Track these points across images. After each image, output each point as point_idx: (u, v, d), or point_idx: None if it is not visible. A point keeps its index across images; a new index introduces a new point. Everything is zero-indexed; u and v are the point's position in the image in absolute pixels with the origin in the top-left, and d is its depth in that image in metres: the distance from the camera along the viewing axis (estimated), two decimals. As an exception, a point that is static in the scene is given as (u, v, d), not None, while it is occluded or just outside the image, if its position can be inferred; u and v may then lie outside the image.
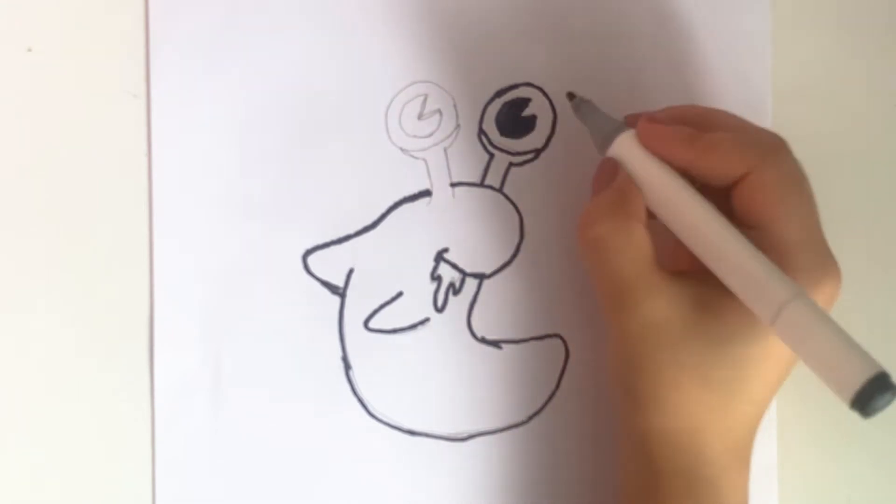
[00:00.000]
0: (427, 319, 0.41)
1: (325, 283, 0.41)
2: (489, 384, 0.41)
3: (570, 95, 0.39)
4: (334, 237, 0.41)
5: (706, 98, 0.41)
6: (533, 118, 0.41)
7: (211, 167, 0.40)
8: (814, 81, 0.42)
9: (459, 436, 0.41)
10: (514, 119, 0.41)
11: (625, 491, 0.37)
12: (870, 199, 0.42)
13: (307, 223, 0.41)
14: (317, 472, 0.41)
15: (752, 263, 0.33)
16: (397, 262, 0.41)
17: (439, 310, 0.41)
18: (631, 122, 0.37)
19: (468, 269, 0.41)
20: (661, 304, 0.34)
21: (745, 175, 0.35)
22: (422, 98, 0.41)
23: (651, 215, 0.36)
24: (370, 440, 0.41)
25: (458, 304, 0.41)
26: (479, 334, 0.41)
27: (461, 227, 0.41)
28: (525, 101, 0.41)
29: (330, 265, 0.41)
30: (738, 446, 0.36)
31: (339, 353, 0.41)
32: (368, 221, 0.41)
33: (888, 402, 0.30)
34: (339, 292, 0.41)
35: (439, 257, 0.41)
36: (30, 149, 0.40)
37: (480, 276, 0.41)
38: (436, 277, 0.41)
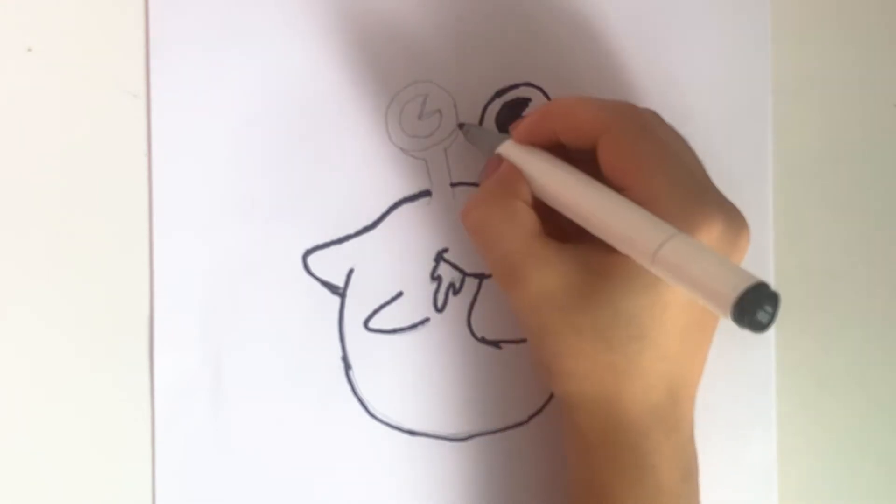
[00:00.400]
0: (427, 319, 0.41)
1: (325, 283, 0.41)
2: (489, 384, 0.41)
3: (460, 125, 0.41)
4: (334, 237, 0.41)
5: (706, 98, 0.41)
6: (533, 118, 0.41)
7: (211, 167, 0.40)
8: (814, 81, 0.42)
9: (459, 436, 0.41)
10: (514, 119, 0.41)
11: (566, 453, 0.38)
12: (869, 198, 0.42)
13: (307, 223, 0.41)
14: (317, 472, 0.41)
15: (624, 214, 0.33)
16: (397, 262, 0.41)
17: (439, 310, 0.41)
18: (513, 128, 0.39)
19: (468, 269, 0.41)
20: (548, 274, 0.35)
21: (602, 137, 0.35)
22: (422, 98, 0.41)
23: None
24: (370, 440, 0.41)
25: (458, 304, 0.41)
26: (478, 334, 0.41)
27: (461, 227, 0.41)
28: (525, 101, 0.41)
29: (330, 265, 0.41)
30: (659, 407, 0.36)
31: (339, 353, 0.41)
32: (368, 221, 0.41)
33: (772, 314, 0.29)
34: (339, 292, 0.41)
35: (439, 257, 0.41)
36: (30, 149, 0.40)
37: (480, 276, 0.41)
38: (436, 277, 0.41)
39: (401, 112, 0.41)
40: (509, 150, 0.38)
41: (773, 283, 0.41)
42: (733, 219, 0.35)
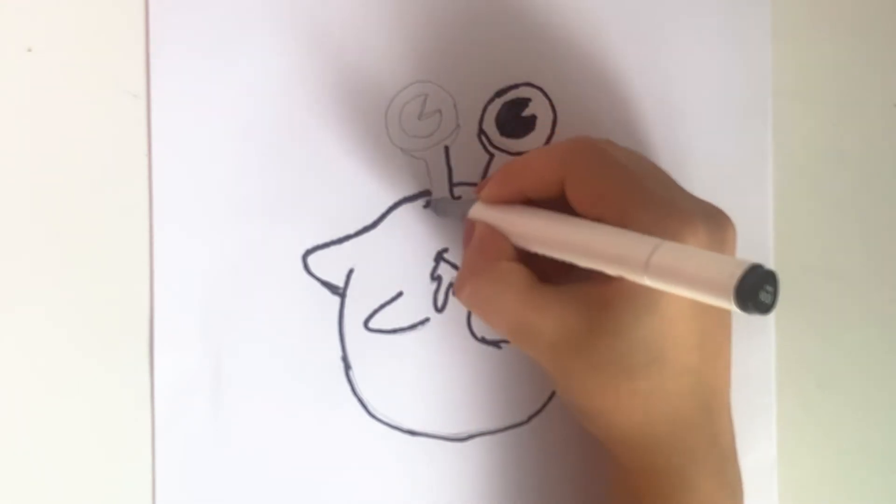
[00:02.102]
0: (427, 319, 0.41)
1: (325, 283, 0.41)
2: (489, 384, 0.41)
3: (426, 203, 0.41)
4: (334, 237, 0.41)
5: (706, 98, 0.41)
6: (533, 118, 0.41)
7: (211, 167, 0.40)
8: (814, 81, 0.42)
9: (459, 436, 0.41)
10: (514, 119, 0.41)
11: (610, 494, 0.38)
12: (869, 198, 0.42)
13: (307, 223, 0.41)
14: (317, 472, 0.41)
15: (607, 237, 0.34)
16: (397, 262, 0.41)
17: (439, 310, 0.41)
18: (477, 191, 0.39)
19: (468, 269, 0.41)
20: (554, 323, 0.35)
21: (566, 180, 0.36)
22: (422, 98, 0.41)
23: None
24: (370, 440, 0.41)
25: (458, 304, 0.41)
26: (479, 334, 0.41)
27: (461, 227, 0.41)
28: (525, 101, 0.41)
29: (330, 265, 0.41)
30: (693, 424, 0.36)
31: (339, 353, 0.41)
32: (368, 221, 0.41)
33: (774, 293, 0.29)
34: (339, 292, 0.41)
35: (439, 257, 0.41)
36: (30, 149, 0.40)
37: (480, 276, 0.41)
38: (436, 277, 0.41)
39: (401, 112, 0.41)
40: (480, 211, 0.38)
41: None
42: (714, 218, 0.35)
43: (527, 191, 0.37)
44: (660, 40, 0.41)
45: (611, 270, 0.33)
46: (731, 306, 0.29)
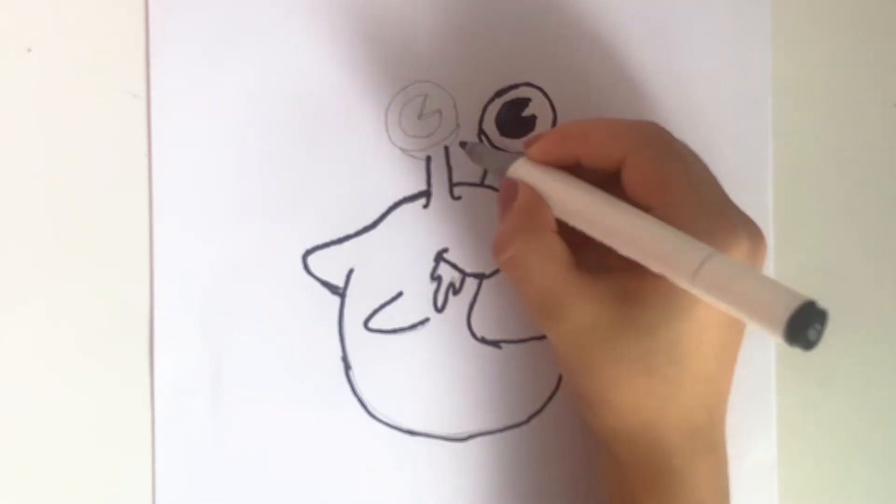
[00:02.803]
0: (427, 319, 0.41)
1: (325, 283, 0.41)
2: (489, 384, 0.41)
3: (462, 144, 0.40)
4: (334, 237, 0.41)
5: (706, 98, 0.41)
6: (533, 118, 0.41)
7: (211, 167, 0.40)
8: (814, 81, 0.42)
9: (459, 436, 0.41)
10: (514, 119, 0.41)
11: (603, 487, 0.38)
12: (869, 198, 0.42)
13: (307, 223, 0.41)
14: (317, 472, 0.41)
15: (659, 233, 0.33)
16: (397, 262, 0.41)
17: (439, 310, 0.41)
18: (527, 146, 0.38)
19: (468, 269, 0.41)
20: (586, 308, 0.35)
21: (624, 159, 0.35)
22: (422, 98, 0.41)
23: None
24: (370, 440, 0.41)
25: (457, 304, 0.41)
26: (479, 334, 0.41)
27: (461, 227, 0.41)
28: (525, 101, 0.41)
29: (330, 265, 0.41)
30: (699, 431, 0.36)
31: (339, 353, 0.41)
32: (368, 221, 0.41)
33: (820, 330, 0.29)
34: (339, 292, 0.41)
35: (439, 257, 0.41)
36: (30, 149, 0.40)
37: (480, 276, 0.41)
38: (436, 277, 0.41)
39: (401, 112, 0.41)
40: (523, 170, 0.37)
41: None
42: (755, 233, 0.35)
43: (582, 157, 0.36)
44: (659, 40, 0.41)
45: (656, 268, 0.33)
46: (777, 337, 0.29)
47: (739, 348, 0.37)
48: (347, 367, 0.41)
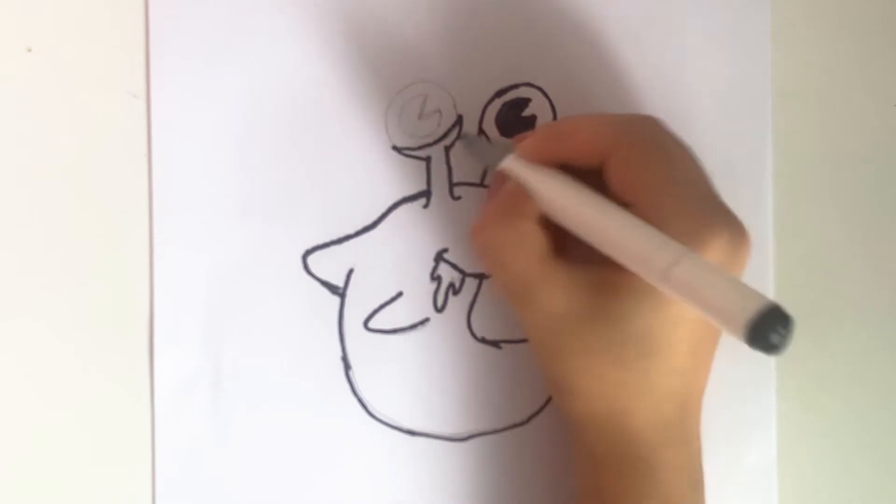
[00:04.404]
0: (427, 319, 0.41)
1: (325, 283, 0.41)
2: (489, 384, 0.41)
3: (460, 136, 0.41)
4: (334, 237, 0.41)
5: (706, 98, 0.41)
6: (533, 118, 0.41)
7: (211, 167, 0.40)
8: (814, 81, 0.42)
9: (459, 436, 0.41)
10: (514, 119, 0.41)
11: (574, 475, 0.38)
12: (869, 198, 0.42)
13: (307, 223, 0.41)
14: (316, 472, 0.41)
15: (634, 232, 0.33)
16: (397, 262, 0.41)
17: (439, 310, 0.41)
18: (518, 140, 0.38)
19: (468, 269, 0.41)
20: (559, 295, 0.35)
21: (609, 154, 0.35)
22: (422, 98, 0.41)
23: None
24: (370, 440, 0.41)
25: (458, 304, 0.41)
26: (479, 334, 0.41)
27: (461, 227, 0.41)
28: (525, 101, 0.41)
29: (330, 265, 0.41)
30: (669, 422, 0.36)
31: (339, 353, 0.41)
32: (368, 221, 0.41)
33: (785, 335, 0.29)
34: (339, 292, 0.41)
35: (439, 257, 0.41)
36: (30, 149, 0.40)
37: (480, 277, 0.41)
38: (436, 277, 0.41)
39: (401, 112, 0.41)
40: (514, 165, 0.38)
41: (773, 284, 0.41)
42: (736, 232, 0.35)
43: (568, 156, 0.36)
44: (659, 40, 0.41)
45: (629, 266, 0.33)
46: (740, 339, 0.29)
47: (717, 344, 0.37)
48: (347, 367, 0.41)
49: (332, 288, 0.41)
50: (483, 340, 0.41)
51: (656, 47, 0.41)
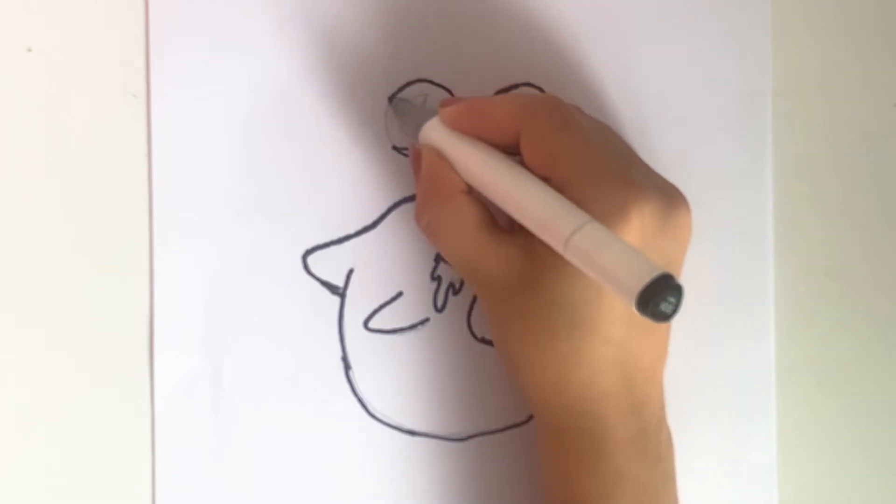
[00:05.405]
0: (427, 319, 0.41)
1: (325, 283, 0.41)
2: (489, 384, 0.41)
3: (390, 99, 0.41)
4: (334, 237, 0.41)
5: (706, 98, 0.41)
6: (533, 118, 0.41)
7: (211, 167, 0.40)
8: (814, 81, 0.42)
9: (459, 436, 0.41)
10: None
11: (535, 445, 0.39)
12: (869, 198, 0.42)
13: (307, 223, 0.41)
14: (317, 472, 0.41)
15: (541, 199, 0.34)
16: (397, 262, 0.41)
17: (439, 310, 0.41)
18: (441, 105, 0.39)
19: (468, 269, 0.41)
20: (494, 263, 0.36)
21: (522, 133, 0.36)
22: (421, 98, 0.41)
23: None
24: (370, 440, 0.41)
25: (457, 304, 0.41)
26: (479, 334, 0.41)
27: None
28: (525, 101, 0.41)
29: (330, 265, 0.41)
30: (610, 393, 0.36)
31: (339, 353, 0.41)
32: (368, 221, 0.41)
33: (674, 304, 0.30)
34: (339, 292, 0.41)
35: (439, 257, 0.41)
36: (30, 149, 0.40)
37: (480, 276, 0.41)
38: (436, 277, 0.41)
39: (401, 112, 0.41)
40: (434, 132, 0.38)
41: (773, 283, 0.41)
42: (666, 196, 0.35)
43: (483, 134, 0.37)
44: (660, 40, 0.41)
45: (536, 233, 0.34)
46: (632, 307, 0.30)
47: None
48: (347, 367, 0.41)
49: (332, 288, 0.41)
50: (483, 340, 0.41)
51: (656, 47, 0.41)
